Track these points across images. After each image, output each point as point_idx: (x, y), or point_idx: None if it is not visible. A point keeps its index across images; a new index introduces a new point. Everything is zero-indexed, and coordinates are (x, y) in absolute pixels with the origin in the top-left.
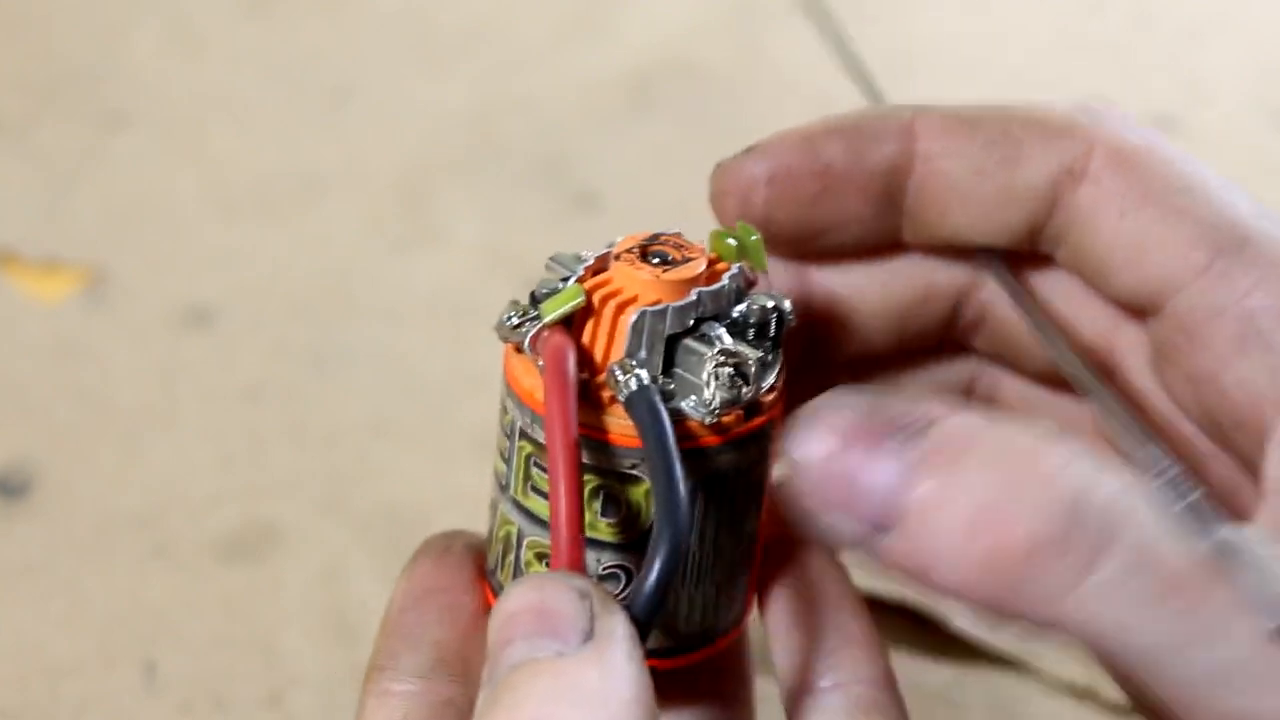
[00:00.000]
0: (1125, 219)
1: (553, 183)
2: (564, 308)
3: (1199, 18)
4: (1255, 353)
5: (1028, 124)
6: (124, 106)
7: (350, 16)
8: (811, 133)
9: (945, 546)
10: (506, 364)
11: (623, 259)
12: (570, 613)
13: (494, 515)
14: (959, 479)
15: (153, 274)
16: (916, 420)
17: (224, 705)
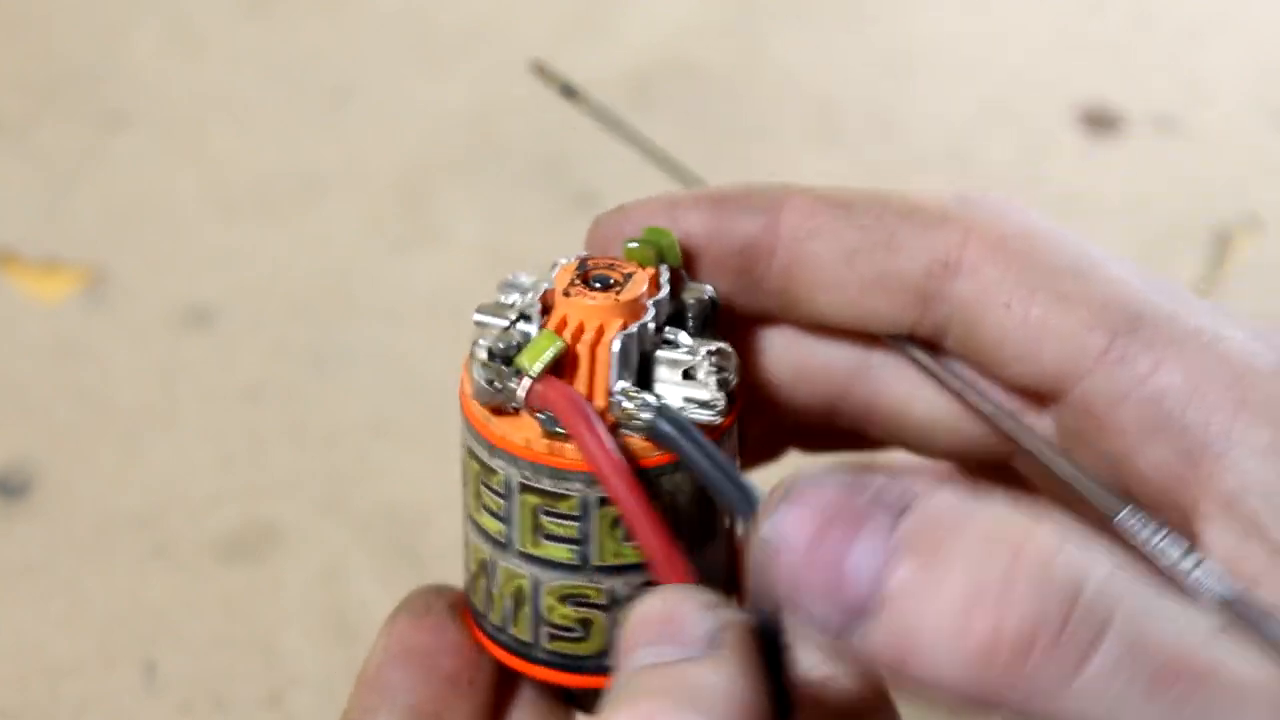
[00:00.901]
0: (1012, 310)
1: (553, 183)
2: (546, 356)
3: (1199, 18)
4: (1166, 435)
5: (902, 212)
6: (124, 106)
7: (350, 16)
8: (676, 200)
9: (930, 636)
10: (479, 428)
11: (571, 293)
12: (695, 620)
13: (492, 575)
14: (946, 564)
15: (153, 274)
16: (898, 499)
17: (224, 705)
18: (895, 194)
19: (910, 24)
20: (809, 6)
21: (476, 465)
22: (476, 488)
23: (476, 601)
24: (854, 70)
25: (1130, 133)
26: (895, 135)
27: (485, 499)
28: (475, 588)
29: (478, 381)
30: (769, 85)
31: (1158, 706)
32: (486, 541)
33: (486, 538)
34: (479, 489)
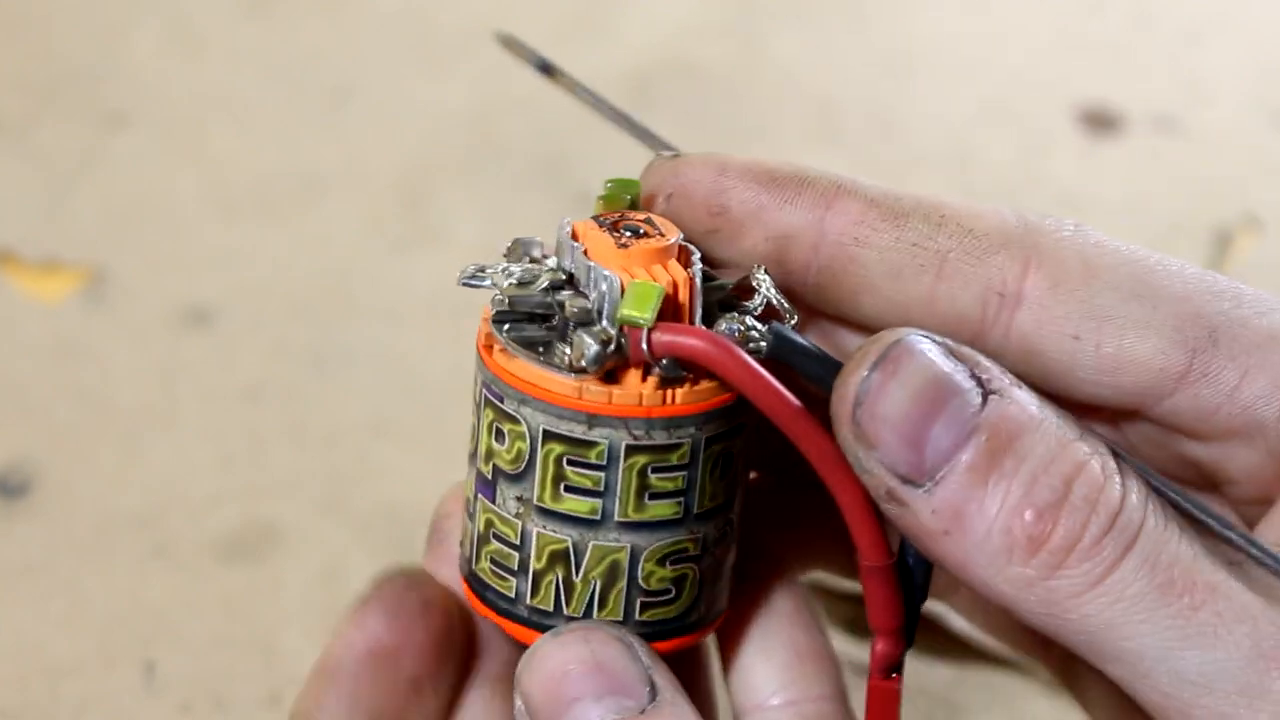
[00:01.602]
0: (1082, 342)
1: (553, 183)
2: (655, 302)
3: (1199, 18)
4: (1260, 440)
5: (957, 233)
6: (124, 106)
7: (350, 16)
8: (729, 165)
9: (980, 521)
10: (570, 403)
11: (624, 242)
12: (629, 667)
13: (577, 562)
14: (1013, 459)
15: (153, 274)
16: (986, 383)
17: (224, 705)
18: (951, 210)
19: (910, 24)
20: (809, 6)
21: (560, 447)
22: (555, 473)
23: (539, 602)
24: (854, 70)
25: (1130, 133)
26: (895, 135)
27: (572, 480)
28: (536, 587)
29: (588, 351)
30: (769, 85)
31: (1167, 610)
32: (568, 527)
33: (569, 523)
34: (558, 474)
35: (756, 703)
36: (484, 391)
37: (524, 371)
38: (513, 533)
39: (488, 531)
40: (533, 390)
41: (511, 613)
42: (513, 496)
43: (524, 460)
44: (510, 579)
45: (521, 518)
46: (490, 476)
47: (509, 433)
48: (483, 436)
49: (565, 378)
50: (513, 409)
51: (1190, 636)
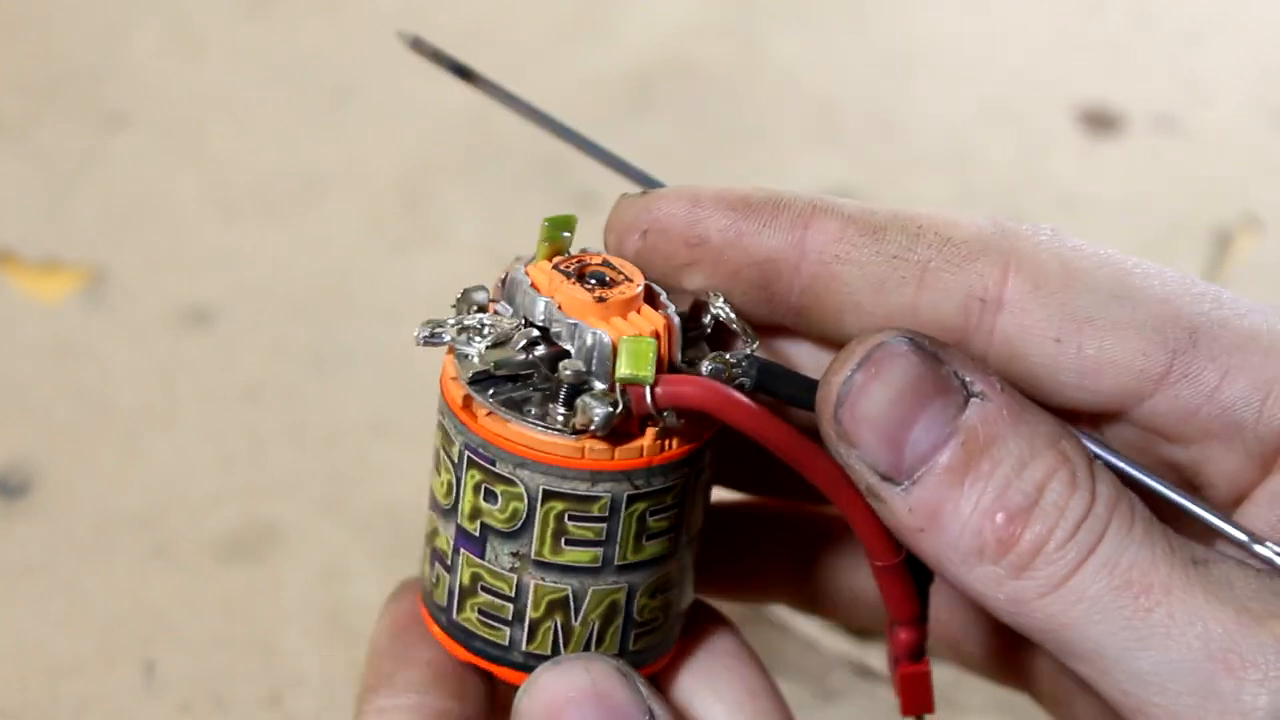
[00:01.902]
0: (1063, 345)
1: (553, 183)
2: (652, 357)
3: (1199, 18)
4: (1239, 442)
5: (935, 242)
6: (124, 106)
7: (350, 16)
8: (701, 196)
9: (952, 521)
10: (582, 464)
11: (596, 293)
12: (628, 697)
13: (576, 608)
14: (990, 462)
15: (153, 274)
16: (967, 384)
17: (224, 705)
18: (928, 219)
19: (910, 24)
20: (809, 6)
21: (562, 505)
22: (556, 529)
23: (535, 648)
24: (854, 70)
25: (1130, 133)
26: (895, 135)
27: (573, 534)
28: (533, 634)
29: (597, 416)
30: (769, 85)
31: (1123, 611)
32: (568, 577)
33: (569, 573)
34: (559, 529)
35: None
36: (467, 454)
37: (520, 436)
38: (507, 586)
39: (474, 585)
40: (532, 454)
41: (504, 659)
42: (507, 553)
43: (521, 518)
44: (503, 628)
45: (517, 572)
46: (478, 534)
47: (503, 494)
48: (466, 496)
49: (566, 440)
50: (507, 472)
51: (1145, 637)
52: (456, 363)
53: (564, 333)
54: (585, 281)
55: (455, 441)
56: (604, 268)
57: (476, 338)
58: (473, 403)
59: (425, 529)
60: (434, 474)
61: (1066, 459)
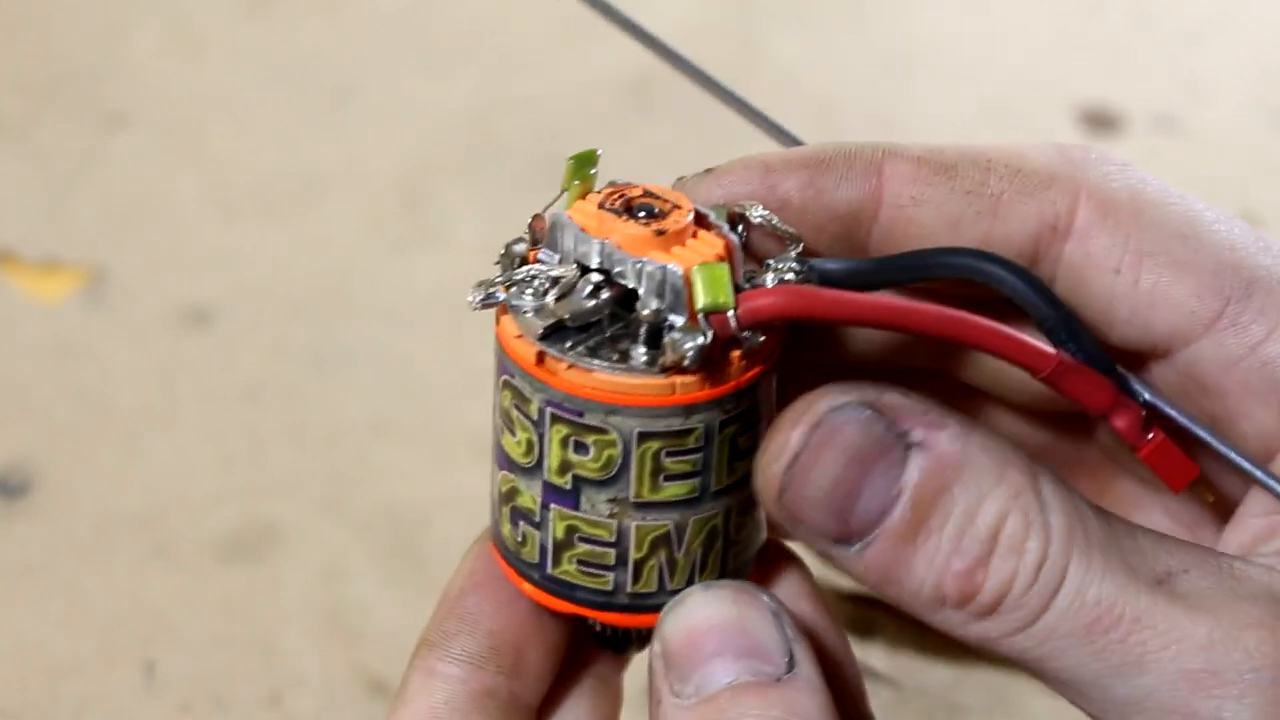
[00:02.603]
0: (1122, 276)
1: (553, 183)
2: (727, 281)
3: (1199, 18)
4: (1274, 401)
5: (1007, 174)
6: (124, 106)
7: (350, 16)
8: (771, 162)
9: (914, 574)
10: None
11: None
12: (773, 635)
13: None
14: (940, 516)
15: (153, 274)
16: (905, 434)
17: (224, 705)
18: (998, 153)
19: (910, 24)
20: (809, 6)
21: (658, 444)
22: (654, 468)
23: (641, 587)
24: (854, 70)
25: (1130, 133)
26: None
27: (671, 469)
28: (638, 574)
29: (690, 353)
30: (769, 85)
31: (1094, 647)
32: (669, 512)
33: (669, 508)
34: (656, 467)
35: None
36: (550, 410)
37: (609, 384)
38: (606, 533)
39: (570, 537)
40: (624, 399)
41: (610, 605)
42: (603, 500)
43: (616, 464)
44: (606, 574)
45: (616, 517)
46: (570, 486)
47: (594, 444)
48: (552, 451)
49: (656, 379)
50: (598, 421)
51: (1118, 666)
52: (516, 320)
53: (628, 271)
54: (635, 215)
55: (533, 399)
56: (648, 198)
57: (531, 292)
58: (547, 358)
59: (496, 490)
60: (504, 434)
61: (1017, 494)
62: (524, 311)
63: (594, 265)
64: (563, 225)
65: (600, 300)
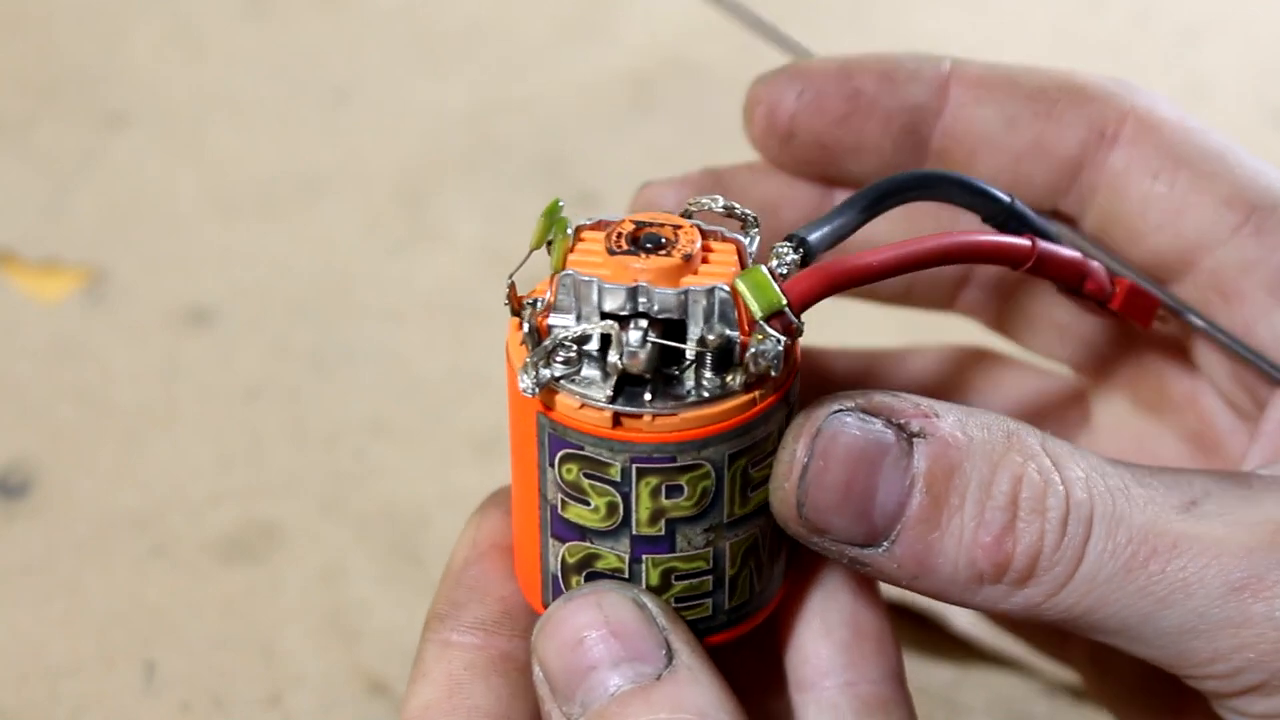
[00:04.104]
0: (1158, 181)
1: (553, 183)
2: (769, 282)
3: (1199, 18)
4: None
5: (1064, 86)
6: (124, 106)
7: (350, 16)
8: (847, 61)
9: (944, 558)
10: (698, 433)
11: (689, 252)
12: (645, 631)
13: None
14: (957, 494)
15: (153, 274)
16: (904, 427)
17: (224, 705)
18: (1055, 71)
19: (911, 24)
20: (809, 7)
21: (745, 459)
22: (743, 483)
23: (737, 600)
24: None
25: None
26: None
27: (755, 477)
28: (734, 589)
29: (774, 357)
30: None
31: (1137, 584)
32: (756, 519)
33: (756, 515)
34: (745, 481)
35: (813, 681)
36: (636, 466)
37: (699, 420)
38: (704, 562)
39: (666, 580)
40: (715, 428)
41: (711, 628)
42: (699, 532)
43: (710, 495)
44: (705, 601)
45: (712, 542)
46: (664, 532)
47: (688, 482)
48: (643, 504)
49: (739, 399)
50: (690, 460)
51: (1164, 597)
52: (568, 393)
53: (670, 305)
54: (645, 248)
55: (614, 463)
56: (648, 229)
57: (568, 359)
58: (624, 417)
59: (557, 563)
60: (569, 507)
61: (1027, 459)
62: (587, 383)
63: (627, 311)
64: (580, 281)
65: (654, 343)
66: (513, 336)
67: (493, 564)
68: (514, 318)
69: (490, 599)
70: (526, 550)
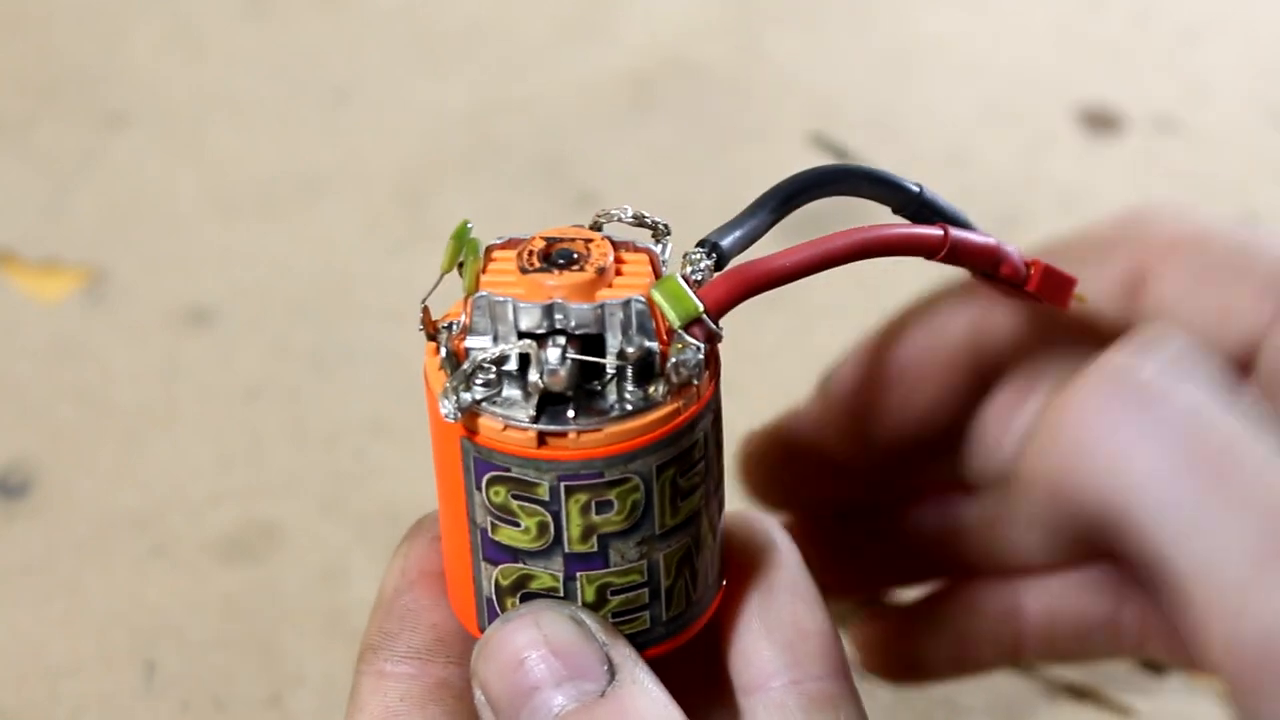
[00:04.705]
0: (1196, 298)
1: (553, 183)
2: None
3: (1199, 18)
4: None
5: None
6: (124, 106)
7: (350, 16)
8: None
9: None
10: (677, 415)
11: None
12: (585, 648)
13: (697, 547)
14: None
15: (153, 274)
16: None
17: (224, 705)
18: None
19: (910, 24)
20: (809, 7)
21: (673, 468)
22: (672, 493)
23: (673, 611)
24: (854, 70)
25: (1130, 133)
26: (895, 135)
27: (684, 486)
28: (670, 600)
29: (695, 366)
30: (769, 85)
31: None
32: (689, 528)
33: (688, 524)
34: (675, 490)
35: (759, 683)
36: (564, 484)
37: (623, 433)
38: (638, 575)
39: (601, 596)
40: (641, 440)
41: (649, 641)
42: (632, 546)
43: (640, 508)
44: (642, 614)
45: (646, 555)
46: (596, 548)
47: (617, 496)
48: (572, 523)
49: (665, 408)
50: (618, 475)
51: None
52: (489, 416)
53: (587, 320)
54: (557, 265)
55: (541, 482)
56: (559, 244)
57: (486, 382)
58: (549, 436)
59: (491, 586)
60: (499, 530)
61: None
62: (509, 403)
63: (544, 329)
64: (495, 302)
65: (573, 359)
66: (430, 361)
67: (424, 591)
68: (430, 342)
69: (423, 627)
70: (459, 575)
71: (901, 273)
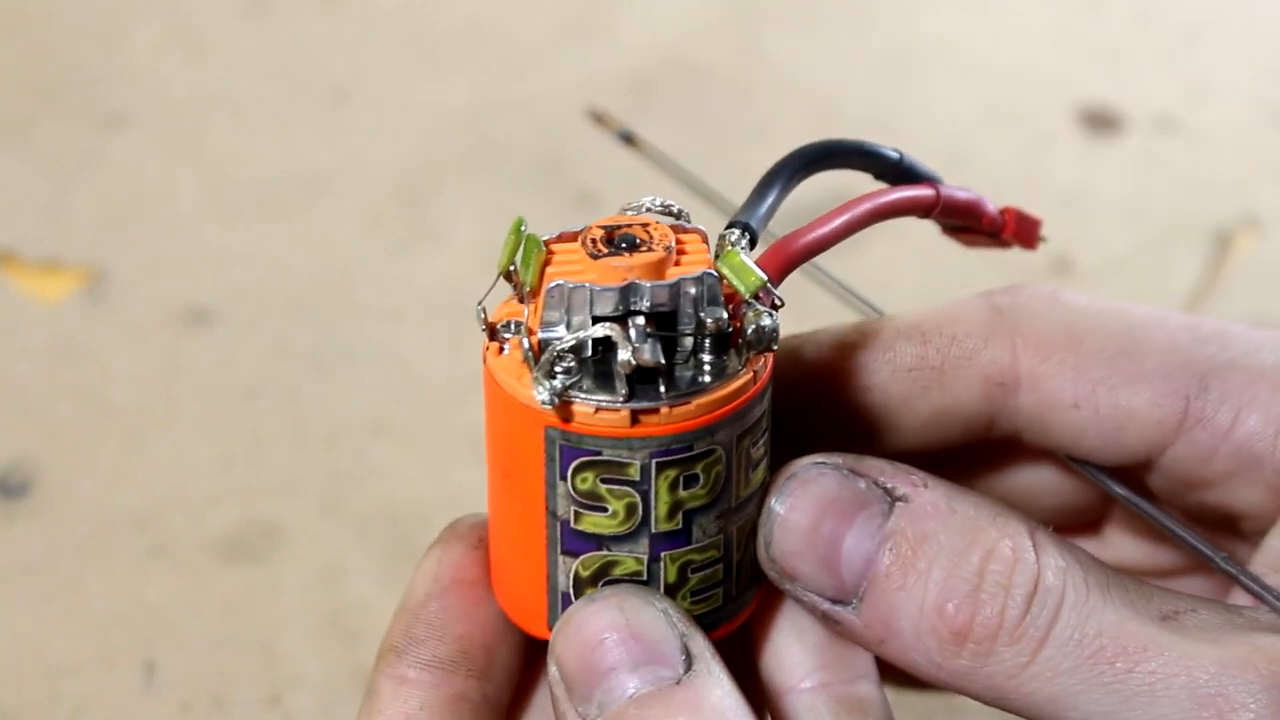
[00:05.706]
0: (1081, 410)
1: (553, 183)
2: (748, 261)
3: (1199, 18)
4: (1259, 475)
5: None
6: (124, 106)
7: (350, 16)
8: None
9: (908, 621)
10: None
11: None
12: (665, 635)
13: (730, 548)
14: (927, 558)
15: (153, 274)
16: (892, 489)
17: (224, 705)
18: (929, 320)
19: (910, 24)
20: (809, 7)
21: (749, 437)
22: (748, 461)
23: (741, 583)
24: (854, 70)
25: (1130, 133)
26: (895, 135)
27: (755, 456)
28: (740, 573)
29: (772, 330)
30: (769, 85)
31: (1101, 680)
32: (755, 497)
33: (755, 494)
34: (748, 459)
35: (789, 685)
36: (655, 461)
37: (708, 405)
38: (716, 550)
39: (682, 575)
40: (726, 410)
41: (723, 618)
42: (712, 519)
43: (721, 480)
44: (717, 590)
45: (723, 529)
46: (681, 525)
47: (703, 469)
48: (661, 499)
49: (740, 379)
50: (706, 446)
51: (1129, 699)
52: (579, 401)
53: (663, 297)
54: (621, 248)
55: (633, 462)
56: (619, 230)
57: (567, 368)
58: (641, 414)
59: (569, 579)
60: (585, 518)
61: (1005, 535)
62: (591, 388)
63: (619, 312)
64: (571, 289)
65: (659, 336)
66: (495, 361)
67: (454, 600)
68: (492, 342)
69: (449, 637)
70: (524, 575)
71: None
